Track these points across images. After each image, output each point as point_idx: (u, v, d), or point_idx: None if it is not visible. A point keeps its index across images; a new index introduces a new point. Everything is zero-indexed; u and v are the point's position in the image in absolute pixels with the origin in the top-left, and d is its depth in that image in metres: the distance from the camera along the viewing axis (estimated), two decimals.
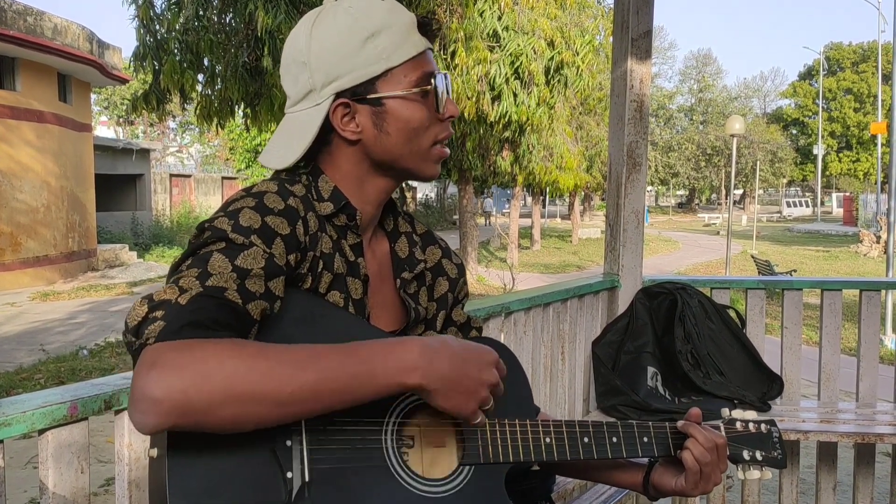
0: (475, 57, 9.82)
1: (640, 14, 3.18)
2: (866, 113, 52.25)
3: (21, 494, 4.30)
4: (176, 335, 0.84)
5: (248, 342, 0.88)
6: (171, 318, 0.86)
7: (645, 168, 3.27)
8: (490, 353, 0.98)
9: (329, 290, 1.05)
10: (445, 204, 43.18)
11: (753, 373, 3.15)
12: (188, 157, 47.05)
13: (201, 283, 0.89)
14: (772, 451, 1.29)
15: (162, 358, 0.82)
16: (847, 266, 20.46)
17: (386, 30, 1.06)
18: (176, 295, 0.88)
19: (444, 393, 0.93)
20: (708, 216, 48.19)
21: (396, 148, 1.09)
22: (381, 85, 1.06)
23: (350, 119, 1.07)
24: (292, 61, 1.09)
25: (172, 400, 0.80)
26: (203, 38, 7.26)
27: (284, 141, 1.10)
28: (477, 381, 0.95)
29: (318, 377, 0.87)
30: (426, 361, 0.92)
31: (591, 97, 18.59)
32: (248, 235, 0.95)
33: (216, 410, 0.82)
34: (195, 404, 0.81)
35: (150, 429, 0.82)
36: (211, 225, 0.96)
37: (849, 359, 4.44)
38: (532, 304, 2.69)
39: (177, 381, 0.81)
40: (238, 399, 0.83)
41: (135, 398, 0.82)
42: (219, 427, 0.84)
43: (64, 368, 7.72)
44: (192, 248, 0.95)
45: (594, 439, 1.15)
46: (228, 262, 0.92)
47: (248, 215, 0.97)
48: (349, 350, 0.91)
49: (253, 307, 0.92)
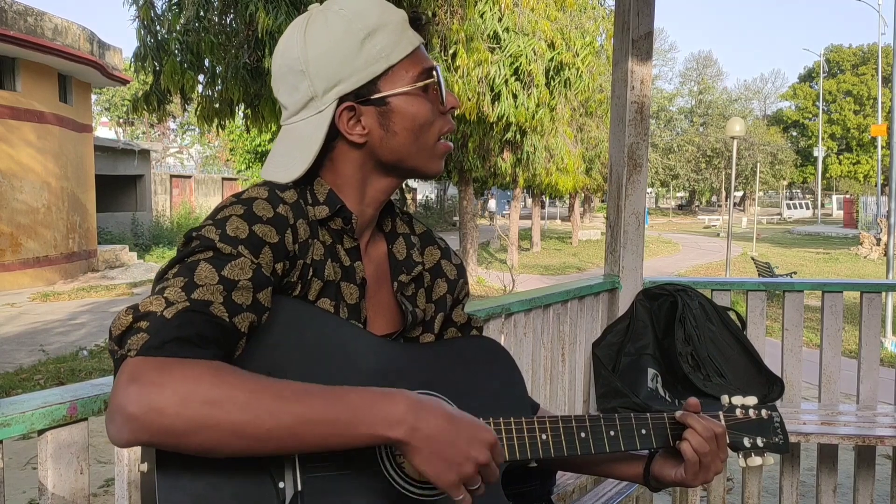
0: (476, 58, 9.82)
1: (640, 16, 3.17)
2: (866, 115, 52.26)
3: (20, 495, 4.29)
4: (158, 350, 0.83)
5: (231, 368, 0.86)
6: (154, 331, 0.84)
7: (645, 169, 3.27)
8: (489, 433, 0.94)
9: (319, 298, 1.04)
10: (445, 205, 43.19)
11: (754, 375, 3.14)
12: (188, 158, 47.09)
13: (187, 294, 0.88)
14: (773, 437, 1.26)
15: (142, 374, 0.81)
16: (847, 268, 20.46)
17: (381, 28, 1.05)
18: (162, 307, 0.86)
19: (425, 455, 0.89)
20: (708, 218, 48.20)
21: (404, 147, 1.08)
22: (383, 84, 1.06)
23: (356, 122, 1.06)
24: (288, 71, 1.07)
25: (148, 419, 0.80)
26: (204, 39, 7.26)
27: (287, 153, 1.08)
28: (464, 454, 0.91)
29: (298, 418, 0.85)
30: (413, 417, 0.89)
31: (591, 99, 18.58)
32: (235, 245, 0.93)
33: (191, 436, 0.82)
34: (170, 427, 0.81)
35: (124, 443, 0.82)
36: (199, 234, 0.95)
37: (849, 361, 4.43)
38: (532, 306, 2.69)
39: (155, 400, 0.80)
40: (213, 428, 0.82)
41: (112, 411, 0.82)
42: (193, 451, 0.84)
43: (64, 369, 7.72)
44: (180, 255, 0.94)
45: (591, 434, 1.14)
46: (215, 272, 0.90)
47: (236, 224, 0.95)
48: (336, 393, 0.89)
49: (240, 320, 0.90)
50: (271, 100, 7.42)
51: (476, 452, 0.92)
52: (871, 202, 34.03)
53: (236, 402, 0.83)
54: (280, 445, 0.85)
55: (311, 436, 0.86)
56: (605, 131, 21.13)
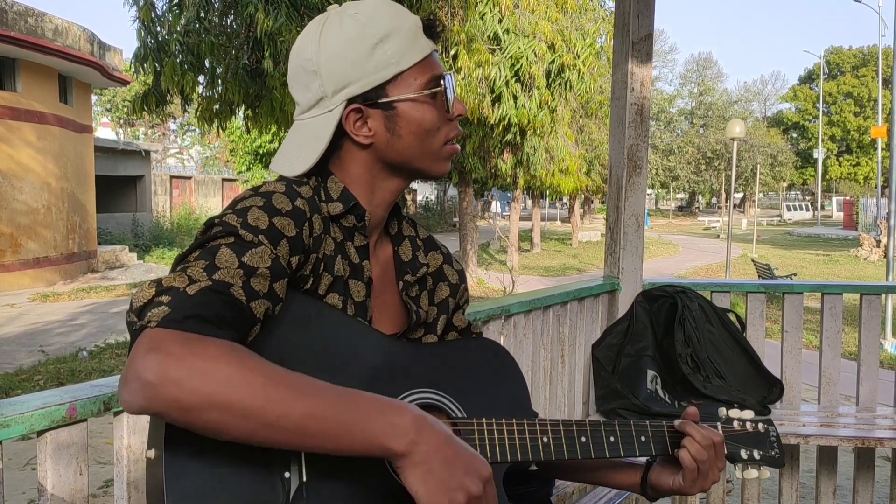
0: (476, 59, 9.83)
1: (640, 17, 3.18)
2: (866, 117, 52.30)
3: (19, 496, 4.29)
4: (179, 324, 0.84)
5: (250, 353, 0.87)
6: (176, 305, 0.85)
7: (645, 171, 3.27)
8: (486, 467, 0.93)
9: (328, 293, 1.05)
10: (445, 206, 43.19)
11: (753, 377, 3.14)
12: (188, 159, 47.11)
13: (209, 275, 0.89)
14: (769, 451, 1.29)
15: (163, 344, 0.82)
16: (847, 270, 20.46)
17: (394, 35, 1.08)
18: (185, 283, 0.88)
19: (421, 472, 0.89)
20: (708, 219, 48.18)
21: (409, 150, 1.10)
22: (391, 89, 1.08)
23: (362, 124, 1.09)
24: (302, 70, 1.10)
25: (164, 388, 0.80)
26: (204, 40, 7.26)
27: (296, 147, 1.11)
28: (458, 481, 0.90)
29: (308, 411, 0.85)
30: (416, 432, 0.89)
31: (592, 100, 18.59)
32: (256, 234, 0.95)
33: (202, 412, 0.82)
34: (184, 400, 0.81)
35: (136, 410, 0.82)
36: (221, 220, 0.97)
37: (849, 363, 4.43)
38: (532, 307, 2.69)
39: (173, 371, 0.80)
40: (225, 408, 0.82)
41: (127, 377, 0.82)
42: (199, 429, 0.84)
43: (63, 370, 7.71)
44: (201, 241, 0.96)
45: (592, 439, 1.15)
46: (236, 257, 0.92)
47: (257, 214, 0.97)
48: (348, 395, 0.89)
49: (256, 306, 0.92)
50: (271, 101, 7.43)
51: (470, 482, 0.90)
52: (871, 204, 34.03)
53: (252, 386, 0.83)
54: (284, 436, 0.86)
55: (317, 432, 0.86)
56: (606, 133, 21.14)
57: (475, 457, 0.93)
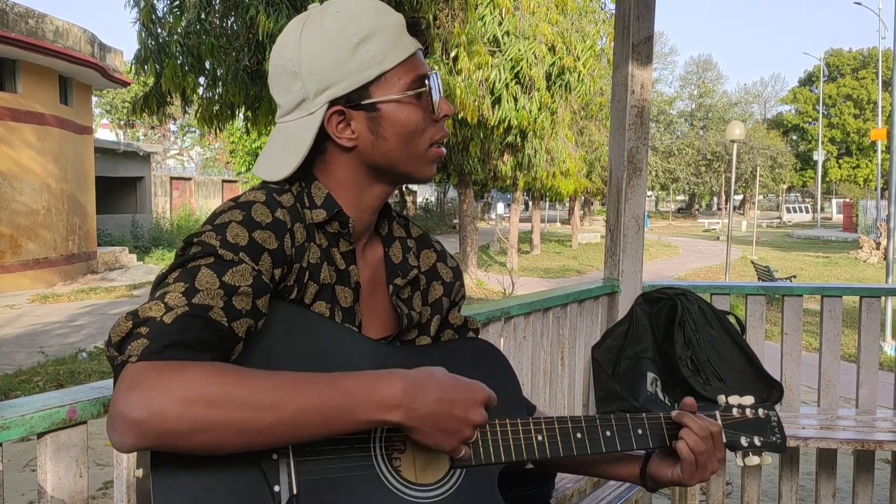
0: (476, 62, 9.83)
1: (641, 20, 3.18)
2: (866, 119, 52.29)
3: (19, 498, 4.29)
4: (159, 355, 0.84)
5: (230, 367, 0.87)
6: (154, 336, 0.85)
7: (645, 173, 3.27)
8: (481, 391, 0.97)
9: (315, 301, 1.04)
10: (445, 208, 43.18)
11: (753, 379, 3.14)
12: (188, 160, 47.05)
13: (188, 300, 0.88)
14: (770, 436, 1.27)
15: (143, 379, 0.82)
16: (847, 272, 20.46)
17: (376, 34, 1.04)
18: (161, 312, 0.87)
19: (425, 431, 0.93)
20: (708, 221, 48.16)
21: (394, 152, 1.07)
22: (374, 90, 1.05)
23: (345, 126, 1.06)
24: (282, 71, 1.07)
25: (150, 423, 0.80)
26: (204, 42, 7.27)
27: (278, 152, 1.08)
28: (462, 421, 0.95)
29: (298, 408, 0.86)
30: (409, 399, 0.91)
31: (592, 102, 18.60)
32: (236, 252, 0.94)
33: (194, 436, 0.82)
34: (173, 429, 0.81)
35: (128, 449, 0.83)
36: (199, 239, 0.95)
37: (849, 365, 4.43)
38: (532, 309, 2.69)
39: (156, 404, 0.81)
40: (216, 427, 0.83)
41: (113, 418, 0.82)
42: (196, 451, 0.84)
43: (63, 371, 7.71)
44: (180, 261, 0.94)
45: (587, 434, 1.14)
46: (216, 277, 0.91)
47: (236, 231, 0.96)
48: (331, 381, 0.90)
49: (238, 325, 0.91)
50: (271, 102, 7.44)
51: (473, 415, 0.96)
52: (871, 206, 34.02)
53: (237, 400, 0.84)
54: (281, 437, 0.87)
55: (311, 425, 0.87)
56: (606, 134, 21.14)
57: (468, 387, 0.97)
